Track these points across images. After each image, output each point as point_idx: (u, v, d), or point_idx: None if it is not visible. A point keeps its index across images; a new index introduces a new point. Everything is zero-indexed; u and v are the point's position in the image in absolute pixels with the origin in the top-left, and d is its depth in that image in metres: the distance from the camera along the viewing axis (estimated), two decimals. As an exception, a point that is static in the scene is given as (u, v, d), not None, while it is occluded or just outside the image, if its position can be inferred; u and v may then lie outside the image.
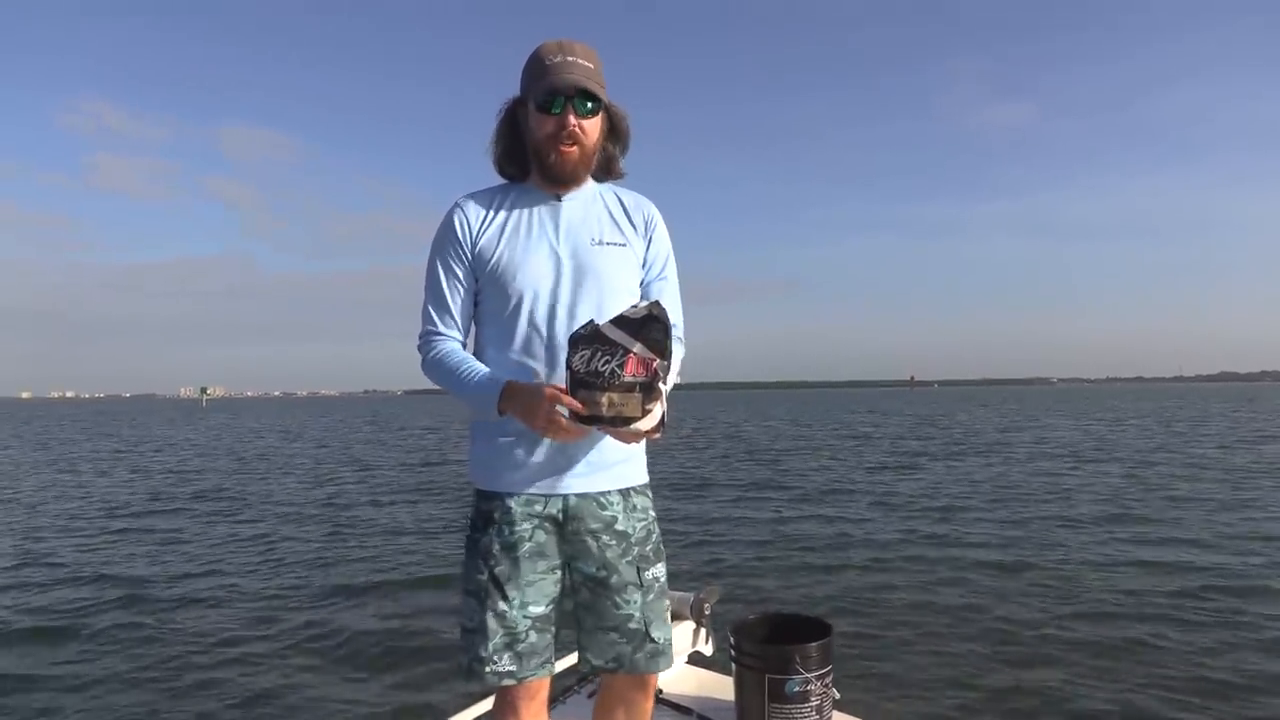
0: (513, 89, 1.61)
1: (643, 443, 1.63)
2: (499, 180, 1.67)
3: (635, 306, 1.40)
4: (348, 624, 5.22)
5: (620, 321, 1.37)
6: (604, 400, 1.34)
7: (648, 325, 1.36)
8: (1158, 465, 13.91)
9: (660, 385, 1.36)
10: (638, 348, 1.35)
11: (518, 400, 1.44)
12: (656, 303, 1.38)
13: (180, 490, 12.53)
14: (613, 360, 1.34)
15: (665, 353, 1.36)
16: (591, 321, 1.41)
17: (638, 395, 1.34)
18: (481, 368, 1.53)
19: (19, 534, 8.69)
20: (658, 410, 1.36)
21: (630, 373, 1.34)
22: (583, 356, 1.36)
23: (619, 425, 1.36)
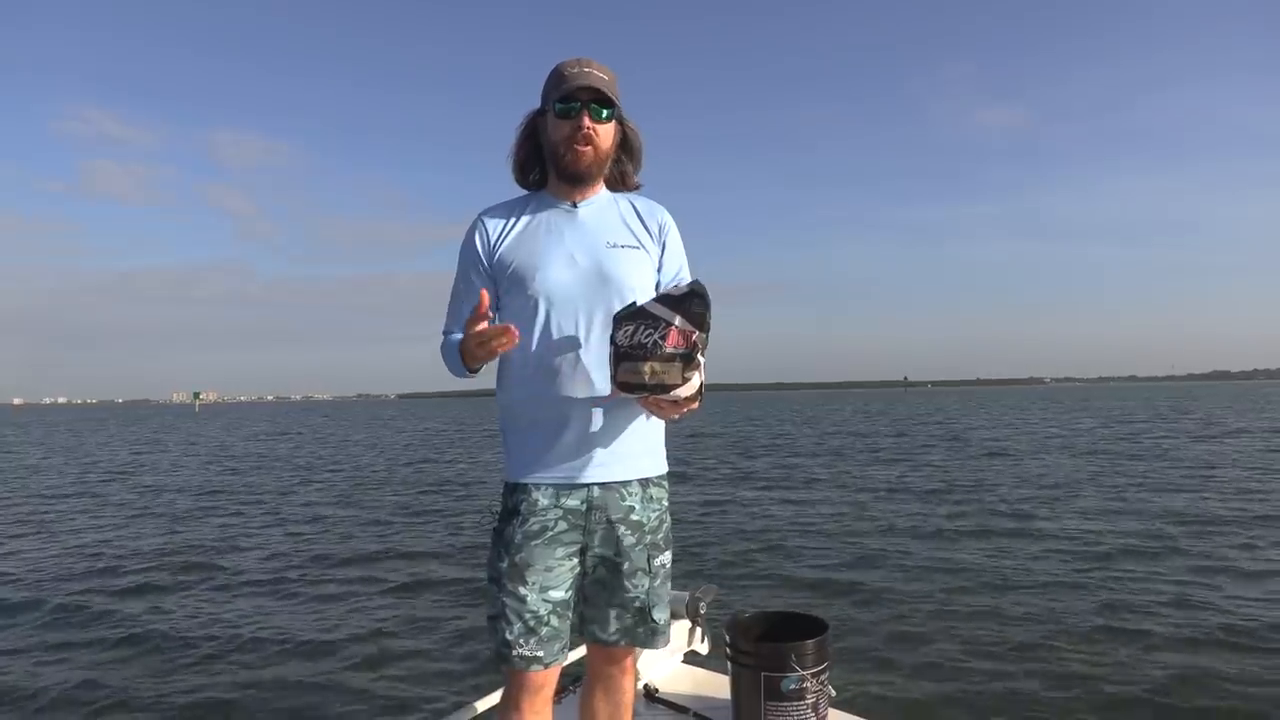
0: (511, 98, 1.68)
1: (662, 435, 1.72)
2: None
3: (678, 284, 1.48)
4: (354, 619, 5.24)
5: (663, 298, 1.46)
6: (646, 369, 1.41)
7: (688, 300, 1.44)
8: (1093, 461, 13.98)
9: (699, 356, 1.44)
10: (679, 321, 1.43)
11: (467, 349, 1.52)
12: (697, 280, 1.47)
13: (180, 488, 12.51)
14: (655, 332, 1.42)
15: (704, 325, 1.44)
16: (634, 302, 1.49)
17: (678, 364, 1.42)
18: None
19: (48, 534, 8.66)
20: (696, 379, 1.44)
21: (671, 344, 1.42)
22: (626, 332, 1.44)
23: (660, 393, 1.43)
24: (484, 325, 1.46)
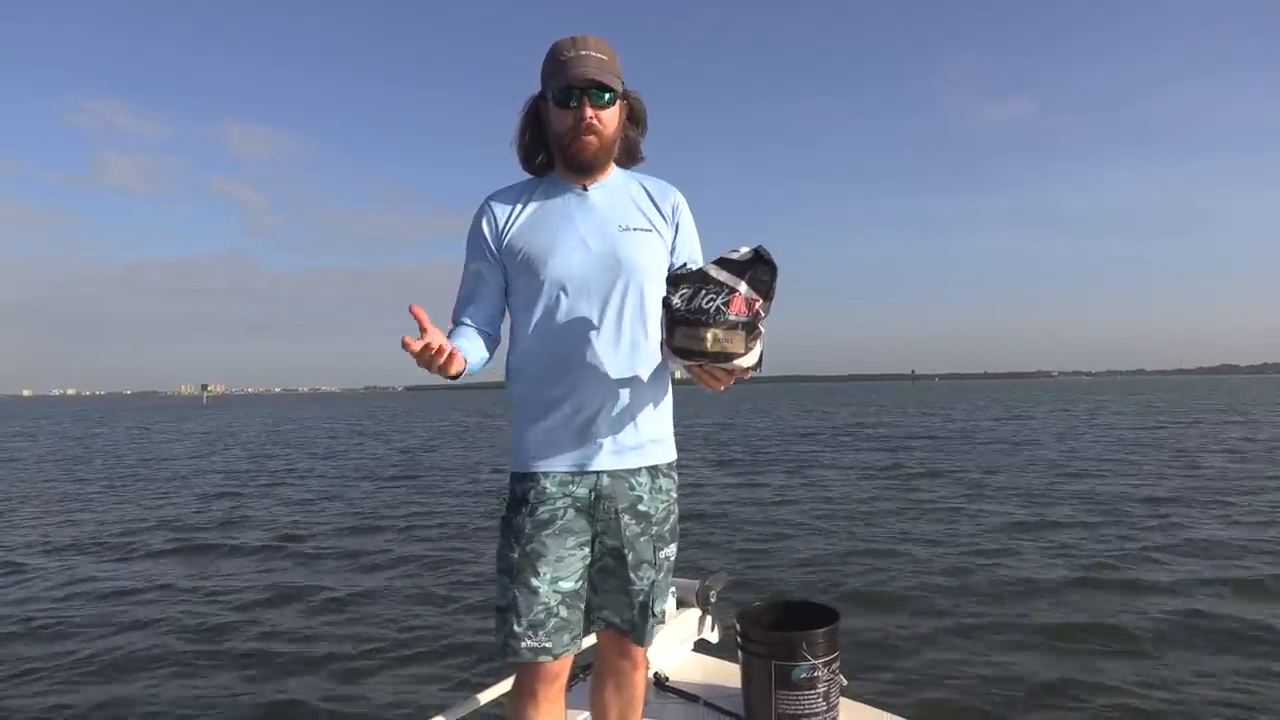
0: (512, 92, 1.65)
1: (670, 423, 1.70)
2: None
3: (738, 249, 1.41)
4: (356, 614, 5.24)
5: (724, 263, 1.40)
6: (708, 336, 1.36)
7: (753, 266, 1.38)
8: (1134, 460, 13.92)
9: (761, 326, 1.39)
10: (743, 287, 1.37)
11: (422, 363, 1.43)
12: (762, 245, 1.40)
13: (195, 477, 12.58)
14: (718, 298, 1.36)
15: (769, 294, 1.39)
16: (686, 264, 1.44)
17: (741, 333, 1.36)
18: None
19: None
20: (758, 348, 1.39)
21: (735, 311, 1.36)
22: (684, 295, 1.39)
23: (720, 361, 1.38)
24: (421, 345, 1.35)
